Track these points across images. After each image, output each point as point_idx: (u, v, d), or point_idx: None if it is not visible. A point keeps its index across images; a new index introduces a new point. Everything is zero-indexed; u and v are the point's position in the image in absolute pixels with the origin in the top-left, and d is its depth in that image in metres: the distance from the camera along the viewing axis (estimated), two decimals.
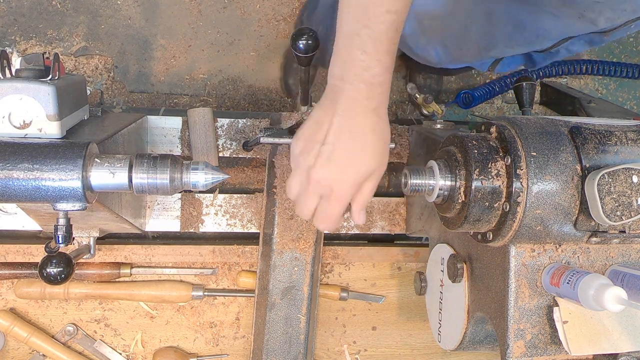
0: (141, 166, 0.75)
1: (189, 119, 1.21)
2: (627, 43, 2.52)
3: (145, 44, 2.11)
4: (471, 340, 0.97)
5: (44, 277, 0.93)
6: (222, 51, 2.15)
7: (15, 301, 1.21)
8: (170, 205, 1.23)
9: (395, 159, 1.29)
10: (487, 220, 0.80)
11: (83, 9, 2.08)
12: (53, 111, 0.76)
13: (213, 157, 1.21)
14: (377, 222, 1.29)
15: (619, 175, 0.73)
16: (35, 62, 0.80)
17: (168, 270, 1.24)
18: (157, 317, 1.26)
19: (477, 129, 0.87)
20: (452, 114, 2.23)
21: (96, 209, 0.86)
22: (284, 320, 1.15)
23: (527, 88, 1.11)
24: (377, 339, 1.33)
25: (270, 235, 1.15)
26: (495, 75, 1.68)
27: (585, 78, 2.45)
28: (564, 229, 0.78)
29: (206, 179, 0.78)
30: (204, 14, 2.15)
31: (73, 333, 1.22)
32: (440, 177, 0.82)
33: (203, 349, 1.28)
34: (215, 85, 2.16)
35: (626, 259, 0.84)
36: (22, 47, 2.05)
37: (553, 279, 0.79)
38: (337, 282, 1.31)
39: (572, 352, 0.79)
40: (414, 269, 1.33)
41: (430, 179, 0.84)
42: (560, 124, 0.81)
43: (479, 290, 0.91)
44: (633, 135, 0.81)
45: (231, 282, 1.27)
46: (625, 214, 0.74)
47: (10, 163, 0.70)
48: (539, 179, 0.76)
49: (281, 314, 1.15)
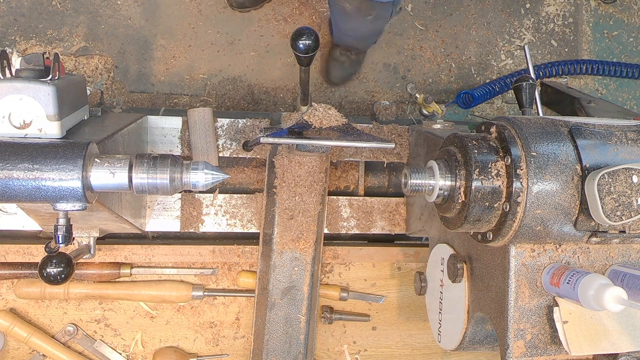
0: (141, 166, 0.75)
1: (189, 119, 1.21)
2: (627, 43, 2.52)
3: (145, 44, 2.11)
4: (471, 340, 0.97)
5: (44, 277, 0.93)
6: (222, 51, 2.15)
7: (15, 301, 1.21)
8: (170, 205, 1.23)
9: (395, 159, 1.29)
10: (487, 220, 0.80)
11: (83, 9, 2.08)
12: (53, 111, 0.76)
13: (213, 157, 1.21)
14: (377, 222, 1.29)
15: (619, 175, 0.73)
16: (35, 62, 0.80)
17: (168, 270, 1.24)
18: (157, 317, 1.26)
19: (477, 129, 0.87)
20: (452, 114, 2.23)
21: (96, 209, 0.86)
22: (284, 320, 1.15)
23: (527, 88, 1.11)
24: (377, 339, 1.33)
25: (270, 235, 1.15)
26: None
27: (585, 78, 2.45)
28: (564, 229, 0.78)
29: (206, 179, 0.78)
30: (204, 14, 2.15)
31: (73, 333, 1.22)
32: (440, 177, 0.82)
33: (203, 349, 1.28)
34: (215, 85, 2.16)
35: (626, 259, 0.84)
36: (22, 47, 2.05)
37: (553, 279, 0.79)
38: (337, 282, 1.31)
39: (572, 352, 0.79)
40: (414, 269, 1.33)
41: (430, 179, 0.84)
42: (560, 124, 0.81)
43: (479, 290, 0.91)
44: (633, 135, 0.81)
45: (231, 282, 1.27)
46: (625, 214, 0.73)
47: (10, 163, 0.70)
48: (539, 179, 0.76)
49: (281, 313, 1.15)
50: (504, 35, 2.41)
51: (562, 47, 2.46)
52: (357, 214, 1.28)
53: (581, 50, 2.48)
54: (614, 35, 2.50)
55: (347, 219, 1.28)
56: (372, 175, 1.31)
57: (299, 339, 1.16)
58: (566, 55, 2.45)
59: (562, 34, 2.46)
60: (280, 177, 1.13)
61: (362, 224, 1.28)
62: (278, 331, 1.16)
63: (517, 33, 2.43)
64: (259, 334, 1.17)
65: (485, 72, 2.38)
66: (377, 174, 1.32)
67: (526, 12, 2.43)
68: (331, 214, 1.27)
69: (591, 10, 2.50)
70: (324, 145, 0.98)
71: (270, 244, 1.15)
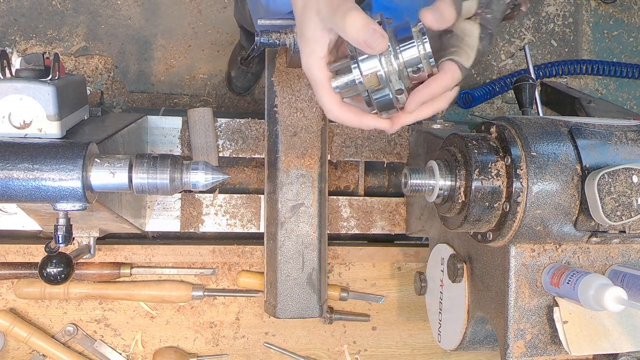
0: (141, 166, 0.75)
1: (189, 119, 1.21)
2: (627, 43, 2.52)
3: (145, 44, 2.11)
4: (471, 340, 0.97)
5: (44, 277, 0.93)
6: (222, 51, 2.15)
7: (15, 301, 1.21)
8: (170, 205, 1.23)
9: (395, 159, 1.29)
10: (487, 220, 0.80)
11: (83, 9, 2.08)
12: (53, 111, 0.76)
13: (213, 157, 1.21)
14: (377, 222, 1.29)
15: (619, 175, 0.73)
16: (35, 62, 0.80)
17: (168, 270, 1.24)
18: (157, 317, 1.26)
19: (477, 129, 0.87)
20: (452, 114, 2.23)
21: (96, 209, 0.86)
22: (295, 237, 1.15)
23: (527, 88, 1.11)
24: (377, 339, 1.33)
25: (275, 155, 1.15)
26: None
27: (585, 78, 2.45)
28: (564, 229, 0.78)
29: (206, 179, 0.78)
30: (204, 14, 2.15)
31: (73, 333, 1.22)
32: (440, 177, 0.82)
33: (203, 349, 1.28)
34: (215, 85, 2.16)
35: (626, 259, 0.84)
36: (22, 47, 2.05)
37: (553, 279, 0.79)
38: (337, 282, 1.31)
39: (572, 352, 0.79)
40: (414, 269, 1.33)
41: (430, 179, 0.84)
42: (560, 124, 0.81)
43: (479, 290, 0.91)
44: (633, 135, 0.81)
45: (231, 282, 1.27)
46: (625, 214, 0.74)
47: (10, 163, 0.70)
48: (539, 179, 0.76)
49: (292, 231, 1.15)
50: (504, 35, 2.41)
51: (562, 47, 2.46)
52: (357, 214, 1.28)
53: (581, 50, 2.48)
54: (614, 35, 2.51)
55: (347, 219, 1.28)
56: (372, 175, 1.31)
57: (311, 256, 1.16)
58: (566, 55, 2.45)
59: (562, 34, 2.46)
60: (280, 94, 1.14)
61: (362, 224, 1.29)
62: (290, 250, 1.15)
63: (517, 33, 2.43)
64: (271, 254, 1.17)
65: (485, 72, 2.38)
66: (377, 174, 1.32)
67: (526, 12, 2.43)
68: (331, 214, 1.27)
69: (591, 10, 2.50)
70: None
71: (275, 164, 1.15)
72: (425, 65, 0.68)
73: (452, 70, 0.69)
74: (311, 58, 0.70)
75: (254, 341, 1.29)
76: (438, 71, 0.70)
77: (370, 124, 0.73)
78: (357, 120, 0.72)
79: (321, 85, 0.71)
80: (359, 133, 1.27)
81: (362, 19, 0.64)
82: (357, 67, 0.68)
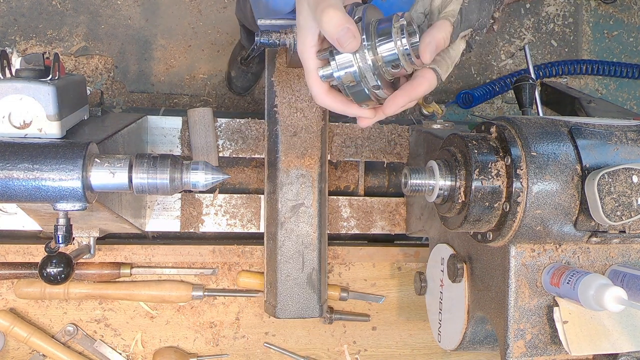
0: (141, 166, 0.75)
1: (189, 119, 1.21)
2: (627, 43, 2.52)
3: (145, 44, 2.11)
4: (471, 340, 0.97)
5: (44, 277, 0.93)
6: (222, 51, 2.15)
7: (15, 301, 1.21)
8: (170, 205, 1.23)
9: (395, 159, 1.29)
10: (487, 220, 0.80)
11: (83, 9, 2.08)
12: (53, 111, 0.76)
13: (213, 157, 1.21)
14: (377, 222, 1.29)
15: (619, 175, 0.73)
16: (35, 62, 0.80)
17: (168, 270, 1.24)
18: (157, 317, 1.26)
19: (477, 129, 0.87)
20: (452, 114, 2.23)
21: (96, 209, 0.86)
22: (295, 237, 1.15)
23: (527, 88, 1.11)
24: (377, 339, 1.33)
25: (275, 155, 1.15)
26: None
27: (585, 78, 2.45)
28: (564, 229, 0.78)
29: (206, 179, 0.78)
30: (204, 14, 2.15)
31: (73, 333, 1.22)
32: (440, 177, 0.82)
33: (203, 349, 1.28)
34: (215, 85, 2.16)
35: (626, 259, 0.84)
36: (22, 47, 2.05)
37: (553, 279, 0.79)
38: (337, 282, 1.31)
39: (572, 352, 0.79)
40: (414, 269, 1.33)
41: (430, 179, 0.84)
42: (560, 124, 0.81)
43: (479, 290, 0.91)
44: (633, 135, 0.81)
45: (231, 282, 1.27)
46: (625, 214, 0.74)
47: (10, 163, 0.70)
48: (539, 179, 0.76)
49: (292, 231, 1.15)
50: (504, 35, 2.41)
51: (562, 47, 2.46)
52: (357, 214, 1.29)
53: (581, 50, 2.48)
54: (614, 35, 2.51)
55: (347, 219, 1.28)
56: (372, 175, 1.31)
57: (311, 256, 1.16)
58: (566, 55, 2.45)
59: (562, 34, 2.46)
60: (280, 94, 1.15)
61: (362, 224, 1.29)
62: (290, 250, 1.16)
63: (517, 33, 2.43)
64: (271, 254, 1.17)
65: (485, 72, 2.38)
66: (377, 174, 1.32)
67: (526, 12, 2.44)
68: (331, 214, 1.27)
69: (591, 10, 2.50)
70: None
71: (275, 164, 1.16)
72: (404, 61, 0.69)
73: (430, 79, 0.72)
74: (303, 46, 0.73)
75: (254, 341, 1.29)
76: (418, 75, 0.72)
77: (354, 112, 0.77)
78: (341, 108, 0.76)
79: (309, 73, 0.74)
80: (359, 133, 1.28)
81: (337, 17, 0.66)
82: (334, 60, 0.71)
